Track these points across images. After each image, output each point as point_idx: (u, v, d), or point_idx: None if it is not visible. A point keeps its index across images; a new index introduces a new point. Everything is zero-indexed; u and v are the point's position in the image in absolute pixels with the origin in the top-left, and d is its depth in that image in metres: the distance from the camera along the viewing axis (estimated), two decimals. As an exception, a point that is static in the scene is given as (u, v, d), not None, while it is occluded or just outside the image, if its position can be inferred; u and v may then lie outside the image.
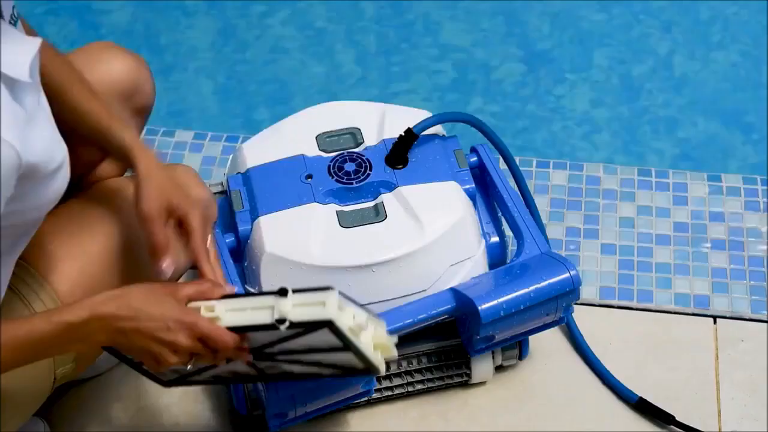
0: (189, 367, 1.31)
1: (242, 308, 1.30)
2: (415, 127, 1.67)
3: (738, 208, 1.99)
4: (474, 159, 1.74)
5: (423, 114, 1.73)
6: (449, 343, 1.68)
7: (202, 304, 1.30)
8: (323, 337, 1.30)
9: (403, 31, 2.37)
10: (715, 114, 2.19)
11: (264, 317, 1.29)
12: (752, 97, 2.20)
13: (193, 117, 2.19)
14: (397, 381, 1.69)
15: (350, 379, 1.52)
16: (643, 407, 1.70)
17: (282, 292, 1.29)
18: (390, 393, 1.70)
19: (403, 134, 1.67)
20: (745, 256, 1.92)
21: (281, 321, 1.27)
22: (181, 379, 1.42)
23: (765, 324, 1.82)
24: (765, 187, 2.02)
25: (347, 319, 1.31)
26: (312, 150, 1.69)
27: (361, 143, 1.70)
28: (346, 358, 1.35)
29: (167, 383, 1.43)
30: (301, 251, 1.57)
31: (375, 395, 1.69)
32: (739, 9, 2.36)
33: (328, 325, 1.28)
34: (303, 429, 1.64)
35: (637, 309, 1.85)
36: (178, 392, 1.73)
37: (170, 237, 1.38)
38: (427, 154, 1.68)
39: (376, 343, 1.37)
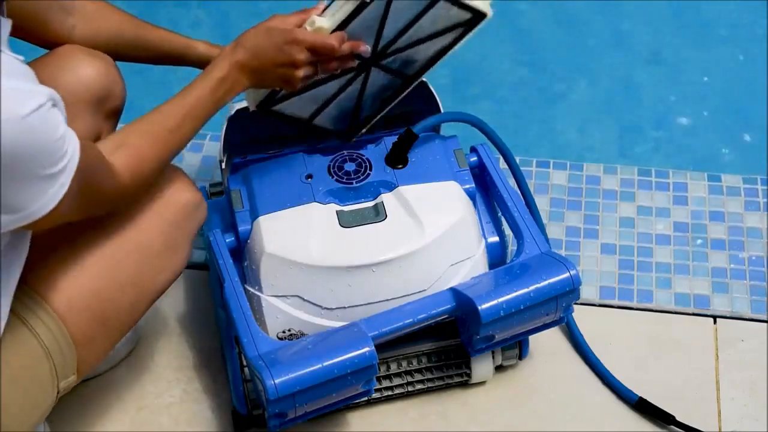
0: (319, 76, 1.52)
1: (336, 11, 1.48)
2: (415, 127, 1.67)
3: (738, 208, 1.99)
4: (474, 159, 1.74)
5: (423, 114, 1.73)
6: (449, 343, 1.68)
7: (306, 24, 1.49)
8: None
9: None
10: (716, 114, 2.18)
11: (352, 4, 1.47)
12: (753, 97, 2.20)
13: (193, 117, 2.18)
14: (397, 381, 1.69)
15: (351, 377, 1.52)
16: (643, 407, 1.70)
17: None
18: (390, 393, 1.70)
19: (403, 134, 1.67)
20: (745, 256, 1.92)
21: None
22: (355, 126, 1.68)
23: (765, 324, 1.82)
24: (765, 187, 2.02)
25: None
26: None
27: (361, 143, 1.71)
28: (452, 14, 1.55)
29: (346, 136, 1.70)
30: (301, 251, 1.57)
31: (375, 395, 1.69)
32: (739, 8, 2.35)
33: None
34: (303, 429, 1.64)
35: (637, 309, 1.85)
36: (178, 392, 1.73)
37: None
38: (427, 154, 1.68)
39: None
